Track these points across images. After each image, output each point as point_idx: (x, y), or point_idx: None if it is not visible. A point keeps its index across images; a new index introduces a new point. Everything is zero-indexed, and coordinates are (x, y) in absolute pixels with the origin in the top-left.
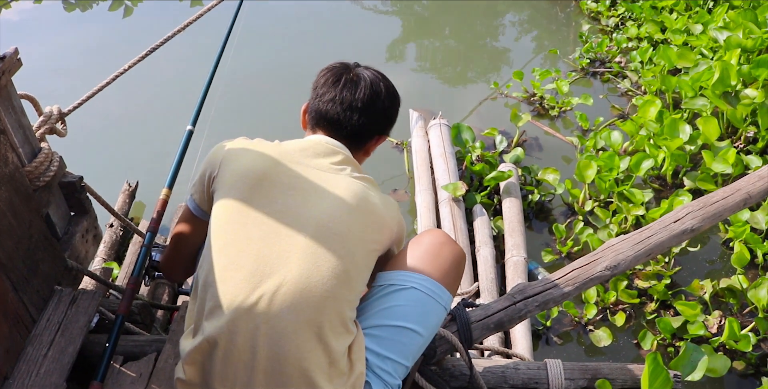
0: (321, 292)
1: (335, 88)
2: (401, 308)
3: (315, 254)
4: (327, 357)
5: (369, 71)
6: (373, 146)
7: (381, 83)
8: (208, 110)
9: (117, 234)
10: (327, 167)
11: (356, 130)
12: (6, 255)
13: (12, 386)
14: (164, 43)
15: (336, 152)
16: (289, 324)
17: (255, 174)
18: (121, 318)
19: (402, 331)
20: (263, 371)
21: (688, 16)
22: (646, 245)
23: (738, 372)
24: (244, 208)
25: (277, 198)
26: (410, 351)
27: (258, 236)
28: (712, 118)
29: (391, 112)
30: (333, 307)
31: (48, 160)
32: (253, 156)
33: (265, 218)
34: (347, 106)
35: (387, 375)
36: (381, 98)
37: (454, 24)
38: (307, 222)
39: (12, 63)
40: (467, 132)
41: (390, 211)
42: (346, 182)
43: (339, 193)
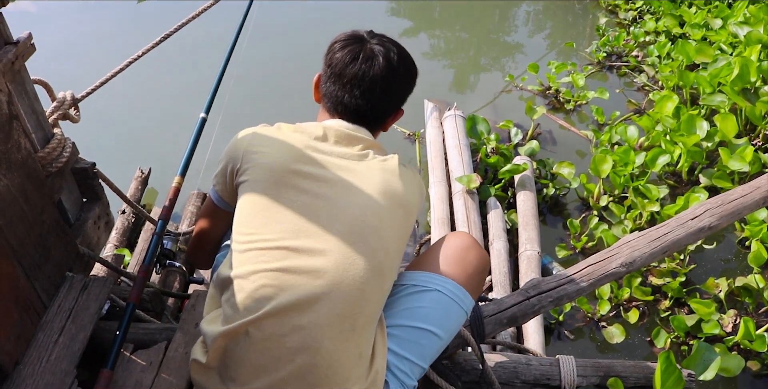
0: (357, 285)
1: (351, 68)
2: (423, 310)
3: (351, 248)
4: (357, 351)
5: (385, 44)
6: (391, 122)
7: (398, 58)
8: (221, 98)
9: (129, 221)
10: (351, 155)
11: (375, 112)
12: (18, 241)
13: (23, 371)
14: (178, 29)
15: (357, 138)
16: (323, 317)
17: (279, 167)
18: (132, 306)
19: (422, 333)
20: (291, 361)
21: (708, 10)
22: (662, 242)
23: (752, 372)
24: (270, 204)
25: (305, 191)
26: (428, 353)
27: (289, 230)
28: (730, 115)
29: (409, 87)
30: (368, 301)
31: (61, 146)
32: (275, 147)
33: (292, 213)
34: (365, 89)
35: (404, 376)
36: (399, 76)
37: (468, 15)
38: (341, 216)
39: (25, 48)
40: (482, 124)
41: (413, 190)
42: (372, 170)
43: (367, 184)
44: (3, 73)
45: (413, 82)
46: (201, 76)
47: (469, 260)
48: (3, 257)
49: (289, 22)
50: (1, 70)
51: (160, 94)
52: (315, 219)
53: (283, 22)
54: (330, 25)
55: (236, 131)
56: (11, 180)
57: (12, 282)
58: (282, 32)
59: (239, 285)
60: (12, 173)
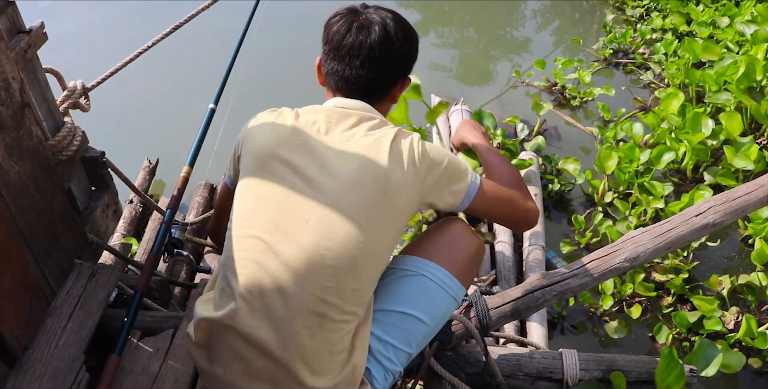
0: (325, 281)
1: (347, 39)
2: (409, 295)
3: (319, 241)
4: (327, 347)
5: (380, 13)
6: (399, 91)
7: (394, 24)
8: (230, 89)
9: (136, 210)
10: (337, 139)
11: (378, 81)
12: (28, 227)
13: (32, 356)
14: (188, 20)
15: (348, 115)
16: (291, 312)
17: (264, 153)
18: (140, 294)
19: (405, 318)
20: (263, 354)
21: (715, 8)
22: (666, 238)
23: (753, 369)
24: (253, 192)
25: (283, 179)
26: (414, 338)
27: (267, 221)
28: (736, 113)
29: (411, 53)
30: (338, 296)
31: (71, 135)
32: (265, 134)
33: (271, 204)
34: (364, 58)
35: (387, 361)
36: (397, 42)
37: (476, 11)
38: (313, 208)
39: (38, 37)
40: (489, 119)
41: (402, 170)
42: (354, 153)
43: (344, 170)
44: (16, 62)
45: (414, 46)
46: (210, 67)
47: (460, 247)
48: (14, 243)
49: (299, 13)
50: (14, 58)
51: (170, 84)
52: (289, 210)
53: (292, 13)
54: None
55: (245, 122)
56: (23, 167)
57: (22, 268)
58: (291, 24)
59: (225, 271)
60: (23, 160)
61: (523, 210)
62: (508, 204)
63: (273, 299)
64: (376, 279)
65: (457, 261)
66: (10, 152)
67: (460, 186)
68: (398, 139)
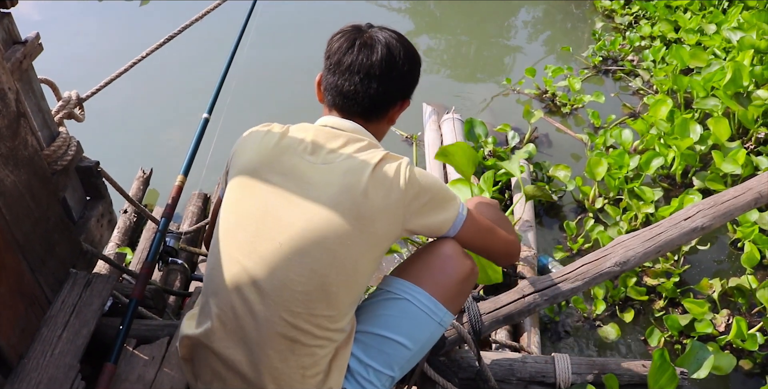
0: (294, 306)
1: (349, 55)
2: (391, 318)
3: (290, 267)
4: (300, 371)
5: (384, 33)
6: (397, 113)
7: (398, 44)
8: (224, 98)
9: (131, 220)
10: (321, 160)
11: (376, 99)
12: (24, 236)
13: (27, 365)
14: (182, 31)
15: (336, 136)
16: (263, 337)
17: (248, 171)
18: (135, 302)
19: (387, 342)
20: (237, 374)
21: (702, 15)
22: (656, 242)
23: (744, 370)
24: (237, 208)
25: (264, 198)
26: (395, 362)
27: (244, 243)
28: (723, 119)
29: (412, 74)
30: (309, 322)
31: (66, 144)
32: (251, 151)
33: (249, 225)
34: (364, 74)
35: (367, 383)
36: (399, 61)
37: (466, 19)
38: (286, 232)
39: (33, 47)
40: (480, 127)
41: (385, 194)
42: (336, 173)
43: (322, 194)
44: (12, 72)
45: (415, 68)
46: (204, 77)
47: (448, 271)
48: (9, 252)
49: (293, 22)
50: (10, 68)
51: (163, 94)
52: (266, 232)
53: (286, 22)
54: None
55: (238, 131)
56: (18, 176)
57: (18, 276)
58: (285, 33)
59: (206, 289)
60: (19, 170)
61: (504, 242)
62: (491, 237)
63: (246, 322)
64: (352, 304)
65: (444, 286)
66: (6, 162)
67: (447, 215)
68: (384, 162)
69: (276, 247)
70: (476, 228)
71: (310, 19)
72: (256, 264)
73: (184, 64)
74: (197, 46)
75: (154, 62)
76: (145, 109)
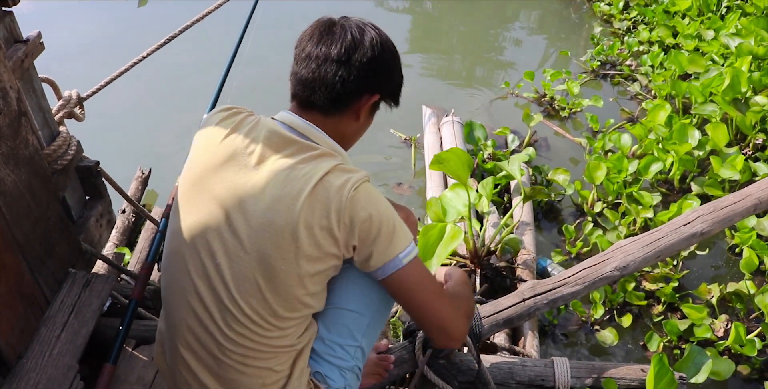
0: (220, 326)
1: (310, 42)
2: (338, 289)
3: (232, 284)
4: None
5: (352, 21)
6: (363, 108)
7: (365, 31)
8: (225, 98)
9: (129, 220)
10: (266, 169)
11: (332, 87)
12: (24, 236)
13: (26, 365)
14: (183, 31)
15: (288, 143)
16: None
17: (192, 175)
18: (134, 302)
19: (341, 312)
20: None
21: (701, 21)
22: (655, 247)
23: (742, 376)
24: (185, 218)
25: (208, 211)
26: (357, 331)
27: (197, 258)
28: (722, 124)
29: (378, 63)
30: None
31: (66, 144)
32: (200, 149)
33: (197, 233)
34: (322, 60)
35: (338, 360)
36: (362, 48)
37: (465, 23)
38: (224, 244)
39: (35, 46)
40: (480, 130)
41: (321, 211)
42: (274, 186)
43: (259, 207)
44: (13, 71)
45: (383, 58)
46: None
47: None
48: (9, 251)
49: (294, 23)
50: (12, 67)
51: (164, 94)
52: (207, 247)
53: (287, 23)
54: None
55: None
56: (18, 176)
57: (17, 276)
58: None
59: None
60: (19, 169)
61: (444, 315)
62: (430, 302)
63: (204, 338)
64: (300, 323)
65: None
66: (7, 161)
67: (382, 252)
68: (329, 177)
69: (216, 267)
70: (414, 281)
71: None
72: (202, 285)
73: (185, 64)
74: (199, 46)
75: (155, 62)
76: (145, 109)
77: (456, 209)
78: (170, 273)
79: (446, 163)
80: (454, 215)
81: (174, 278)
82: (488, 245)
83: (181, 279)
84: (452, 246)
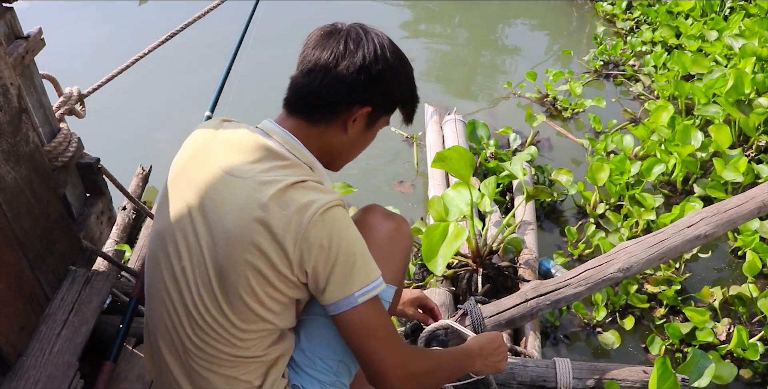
0: (183, 334)
1: (310, 46)
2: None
3: (195, 294)
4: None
5: (362, 29)
6: (350, 119)
7: (367, 39)
8: (226, 96)
9: (130, 217)
10: (239, 170)
11: (319, 94)
12: (24, 233)
13: (26, 363)
14: (184, 28)
15: (258, 149)
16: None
17: (171, 175)
18: (135, 300)
19: (322, 322)
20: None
21: (704, 22)
22: (659, 249)
23: (744, 380)
24: (158, 215)
25: (173, 208)
26: (338, 344)
27: (168, 263)
28: (725, 126)
29: (369, 74)
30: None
31: (67, 141)
32: (182, 151)
33: (161, 231)
34: (313, 64)
35: (318, 373)
36: (354, 55)
37: (467, 22)
38: (189, 251)
39: (36, 43)
40: (482, 129)
41: (277, 230)
42: (240, 194)
43: (219, 212)
44: (14, 67)
45: (379, 69)
46: (206, 75)
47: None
48: (9, 248)
49: (296, 22)
50: (12, 64)
51: (165, 91)
52: (177, 254)
53: (289, 21)
54: None
55: None
56: (19, 172)
57: (17, 273)
58: (288, 32)
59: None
60: (20, 166)
61: (385, 374)
62: (375, 352)
63: (176, 341)
64: (263, 336)
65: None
66: (7, 157)
67: (335, 291)
68: (292, 192)
69: (184, 273)
70: (366, 326)
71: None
72: (173, 290)
73: (186, 62)
74: (200, 44)
75: (156, 59)
76: (145, 106)
77: (458, 208)
78: (149, 274)
79: (448, 162)
80: (456, 214)
81: (151, 280)
82: (490, 244)
83: (157, 281)
84: (457, 245)
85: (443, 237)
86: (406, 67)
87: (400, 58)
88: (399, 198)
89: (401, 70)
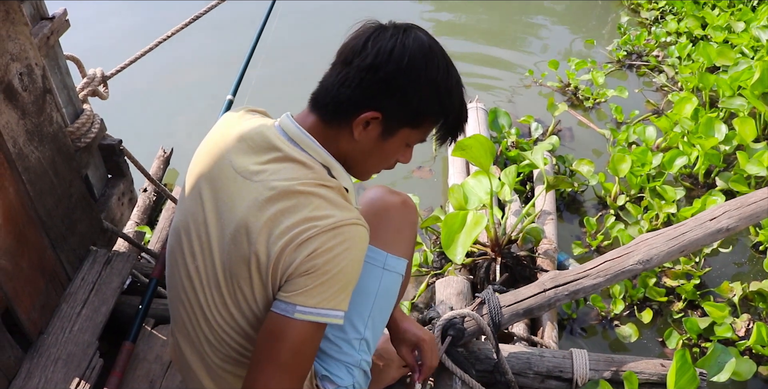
0: (198, 334)
1: (345, 39)
2: None
3: (206, 293)
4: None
5: (396, 27)
6: (360, 125)
7: (393, 37)
8: (249, 80)
9: (150, 199)
10: (248, 171)
11: (331, 91)
12: (46, 212)
13: (47, 340)
14: (208, 11)
15: (271, 148)
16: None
17: (191, 168)
18: (155, 282)
19: None
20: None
21: (731, 13)
22: (680, 241)
23: (763, 377)
24: (179, 217)
25: (190, 203)
26: (359, 321)
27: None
28: (750, 119)
29: (381, 75)
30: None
31: (90, 122)
32: (202, 146)
33: (178, 226)
34: (336, 59)
35: (344, 356)
36: (366, 51)
37: (489, 8)
38: (200, 249)
39: (60, 23)
40: (504, 117)
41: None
42: (251, 196)
43: (235, 215)
44: (39, 48)
45: (388, 69)
46: (230, 58)
47: (374, 211)
48: (32, 227)
49: (319, 6)
50: (37, 44)
51: (188, 74)
52: (191, 249)
53: (312, 6)
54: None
55: None
56: (42, 152)
57: (40, 252)
58: (311, 16)
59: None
60: (44, 146)
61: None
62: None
63: (193, 336)
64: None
65: (374, 228)
66: (31, 137)
67: (288, 292)
68: (292, 199)
69: (196, 270)
70: (282, 339)
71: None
72: (188, 287)
73: (210, 44)
74: (224, 26)
75: (180, 41)
76: (168, 89)
77: (478, 197)
78: (169, 269)
79: (469, 150)
80: (475, 202)
81: (170, 275)
82: (509, 234)
83: (174, 277)
84: (476, 233)
85: (462, 226)
86: (432, 74)
87: (428, 64)
88: (417, 183)
89: (422, 75)
